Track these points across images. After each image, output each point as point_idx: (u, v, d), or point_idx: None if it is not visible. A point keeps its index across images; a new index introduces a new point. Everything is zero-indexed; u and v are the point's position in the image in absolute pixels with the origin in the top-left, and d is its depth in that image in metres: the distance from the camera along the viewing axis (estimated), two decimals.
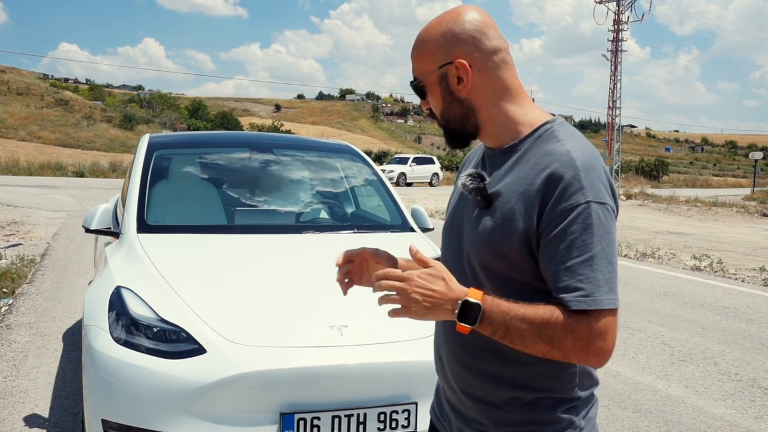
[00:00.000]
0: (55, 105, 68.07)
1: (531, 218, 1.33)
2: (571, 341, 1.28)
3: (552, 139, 1.39)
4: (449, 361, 1.52)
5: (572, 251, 1.29)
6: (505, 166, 1.42)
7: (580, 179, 1.31)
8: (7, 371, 4.62)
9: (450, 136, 1.50)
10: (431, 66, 1.44)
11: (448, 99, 1.45)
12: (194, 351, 2.56)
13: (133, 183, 3.93)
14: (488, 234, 1.39)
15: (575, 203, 1.30)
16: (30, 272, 8.15)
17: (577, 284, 1.28)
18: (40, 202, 17.26)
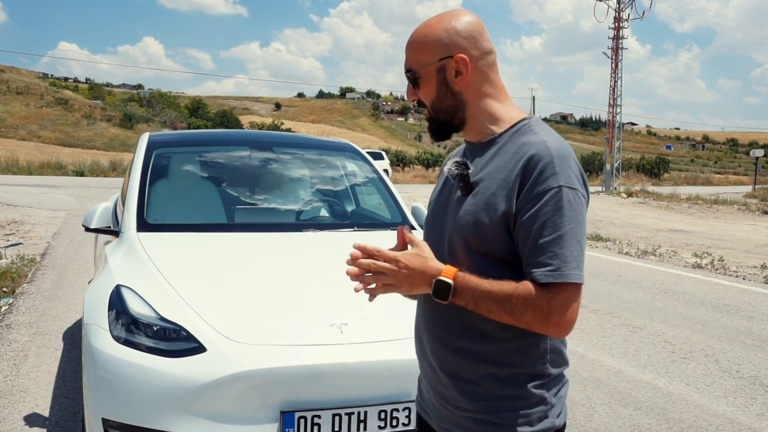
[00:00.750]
0: (55, 104, 68.03)
1: (511, 200, 1.46)
2: (531, 314, 1.41)
3: (528, 132, 1.54)
4: (429, 342, 1.62)
5: (544, 230, 1.42)
6: (485, 157, 1.56)
7: (554, 166, 1.44)
8: (7, 370, 4.62)
9: (435, 128, 1.61)
10: (431, 58, 1.54)
11: (443, 90, 1.56)
12: (194, 349, 2.56)
13: (132, 182, 3.92)
14: (471, 216, 1.51)
15: (548, 187, 1.43)
16: (30, 271, 8.15)
17: (547, 260, 1.41)
18: (40, 201, 17.26)
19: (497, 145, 1.55)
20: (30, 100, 67.71)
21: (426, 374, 1.68)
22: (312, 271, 3.22)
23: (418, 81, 1.56)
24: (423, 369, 1.70)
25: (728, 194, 30.43)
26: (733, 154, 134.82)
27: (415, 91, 1.58)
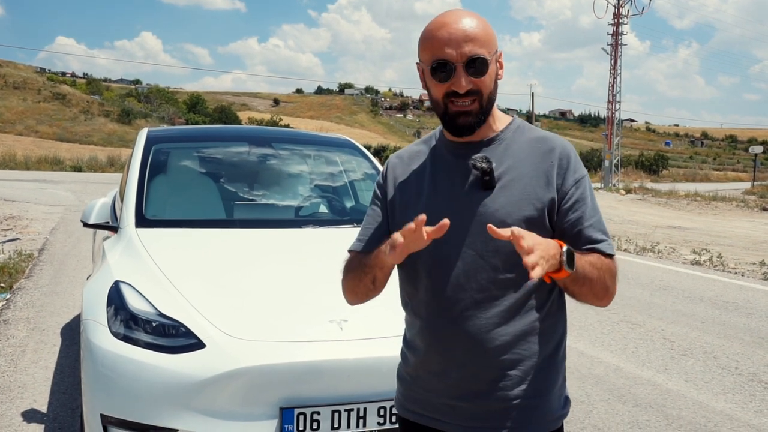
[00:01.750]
0: (53, 99, 67.95)
1: (551, 189, 1.59)
2: (612, 280, 1.60)
3: (531, 130, 1.70)
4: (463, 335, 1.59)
5: (591, 212, 1.61)
6: (497, 153, 1.63)
7: (577, 157, 1.66)
8: (5, 366, 4.61)
9: (477, 120, 1.60)
10: (492, 48, 1.60)
11: (495, 82, 1.63)
12: (193, 345, 2.55)
13: (131, 177, 3.91)
14: (511, 207, 1.57)
15: (582, 174, 1.64)
16: (28, 267, 8.14)
17: (601, 236, 1.60)
18: (37, 196, 17.24)
19: (503, 142, 1.66)
20: (27, 95, 67.62)
21: (447, 376, 1.63)
22: (311, 267, 3.21)
23: (485, 69, 1.57)
24: (440, 370, 1.64)
25: (727, 191, 30.46)
26: (732, 151, 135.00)
27: (478, 79, 1.57)
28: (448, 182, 1.65)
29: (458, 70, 1.55)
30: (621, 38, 37.33)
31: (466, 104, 1.58)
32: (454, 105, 1.58)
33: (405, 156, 1.78)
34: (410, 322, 1.74)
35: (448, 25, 1.57)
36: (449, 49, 1.55)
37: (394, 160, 1.79)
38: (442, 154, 1.70)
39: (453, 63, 1.55)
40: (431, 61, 1.58)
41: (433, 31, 1.59)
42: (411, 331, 1.73)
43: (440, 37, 1.56)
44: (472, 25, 1.57)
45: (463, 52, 1.54)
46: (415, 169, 1.73)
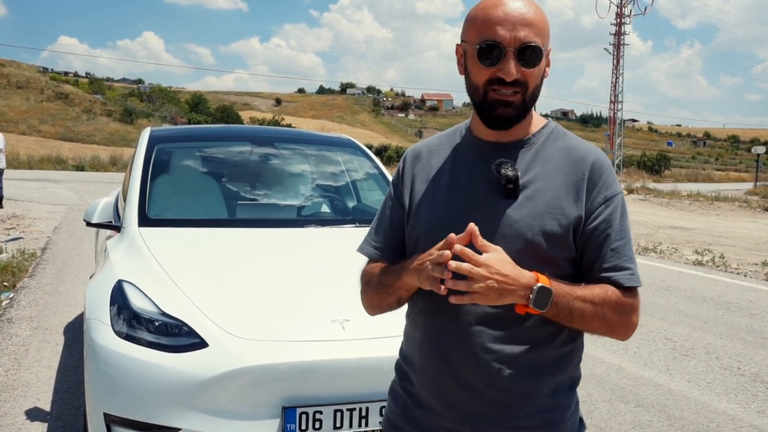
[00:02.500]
0: (55, 98, 68.00)
1: (580, 205, 1.45)
2: (618, 317, 1.45)
3: (566, 136, 1.54)
4: (469, 359, 1.46)
5: (617, 235, 1.46)
6: (525, 158, 1.49)
7: (612, 172, 1.51)
8: (8, 365, 4.62)
9: (519, 114, 1.46)
10: (547, 40, 1.47)
11: (542, 76, 1.48)
12: (196, 345, 2.56)
13: (134, 177, 3.92)
14: (533, 220, 1.44)
15: (615, 192, 1.48)
16: (31, 266, 8.15)
17: (624, 264, 1.46)
18: (40, 195, 17.27)
19: (533, 146, 1.52)
20: (30, 94, 67.69)
21: (448, 396, 1.49)
22: (314, 267, 3.21)
23: (537, 60, 1.43)
24: (442, 389, 1.50)
25: (729, 191, 30.42)
26: (735, 151, 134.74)
27: (528, 70, 1.42)
28: (468, 185, 1.51)
29: (508, 56, 1.40)
30: (623, 38, 37.34)
31: (508, 94, 1.43)
32: (497, 93, 1.43)
33: (424, 151, 1.63)
34: (410, 335, 1.60)
35: (505, 4, 1.42)
36: (503, 30, 1.40)
37: (412, 155, 1.65)
38: (466, 152, 1.56)
39: (504, 46, 1.40)
40: (479, 41, 1.42)
41: (487, 8, 1.43)
42: (409, 345, 1.60)
43: (495, 16, 1.41)
44: (531, 9, 1.42)
45: (517, 37, 1.40)
46: (434, 166, 1.59)
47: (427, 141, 1.67)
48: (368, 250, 1.65)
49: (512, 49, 1.40)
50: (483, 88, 1.45)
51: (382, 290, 1.54)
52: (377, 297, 1.58)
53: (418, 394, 1.55)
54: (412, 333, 1.58)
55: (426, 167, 1.59)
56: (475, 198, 1.48)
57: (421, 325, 1.54)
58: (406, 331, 1.63)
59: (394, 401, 1.64)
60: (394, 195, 1.64)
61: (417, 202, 1.56)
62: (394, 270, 1.51)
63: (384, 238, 1.63)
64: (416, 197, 1.57)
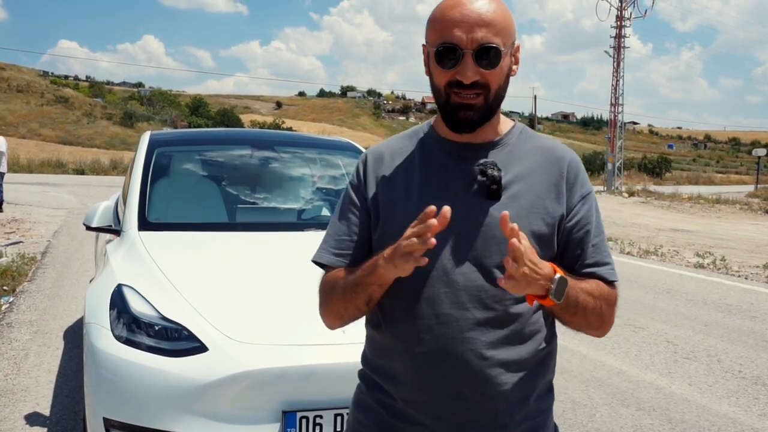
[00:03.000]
0: (56, 102, 68.08)
1: (561, 203, 1.45)
2: (609, 310, 1.46)
3: (535, 136, 1.54)
4: (466, 366, 1.40)
5: (595, 231, 1.48)
6: (501, 159, 1.46)
7: (585, 171, 1.53)
8: (8, 369, 4.61)
9: (482, 116, 1.42)
10: (509, 39, 1.42)
11: (507, 76, 1.45)
12: (196, 349, 2.55)
13: (134, 180, 3.91)
14: (516, 221, 1.33)
15: (589, 189, 1.51)
16: (31, 270, 8.15)
17: (605, 259, 1.48)
18: (40, 199, 17.28)
19: (506, 146, 1.49)
20: (30, 98, 67.77)
21: (437, 407, 1.42)
22: (314, 270, 3.20)
23: (496, 61, 1.38)
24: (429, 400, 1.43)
25: (730, 194, 30.40)
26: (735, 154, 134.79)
27: (487, 71, 1.38)
28: (443, 185, 1.45)
29: (466, 58, 1.36)
30: (623, 41, 37.35)
31: (470, 96, 1.39)
32: (458, 96, 1.39)
33: (386, 153, 1.55)
34: (385, 346, 1.49)
35: (462, 4, 1.38)
36: (459, 32, 1.36)
37: (373, 157, 1.55)
38: (436, 154, 1.50)
39: (462, 49, 1.36)
40: (437, 44, 1.39)
41: (444, 9, 1.40)
42: (385, 356, 1.50)
43: (451, 18, 1.37)
44: (490, 9, 1.38)
45: (474, 38, 1.36)
46: (400, 169, 1.51)
47: (387, 143, 1.60)
48: (329, 258, 1.55)
49: (470, 50, 1.37)
50: (444, 90, 1.41)
51: (351, 290, 1.44)
52: (343, 301, 1.47)
53: (396, 406, 1.47)
54: (388, 344, 1.48)
55: (390, 170, 1.52)
56: (454, 200, 1.39)
57: (404, 336, 1.44)
58: (378, 341, 1.52)
59: (364, 414, 1.54)
60: (355, 199, 1.54)
61: (386, 207, 1.48)
62: (365, 266, 1.41)
63: (345, 245, 1.53)
64: (384, 202, 1.49)
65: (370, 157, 1.56)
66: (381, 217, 1.49)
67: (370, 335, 1.57)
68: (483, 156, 1.46)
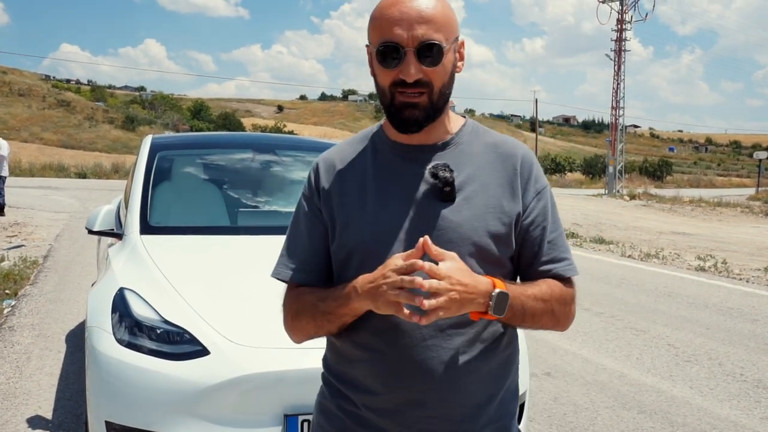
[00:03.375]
0: (57, 106, 68.19)
1: (517, 201, 1.43)
2: (564, 308, 1.44)
3: (487, 132, 1.52)
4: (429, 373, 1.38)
5: (552, 227, 1.46)
6: (454, 159, 1.43)
7: (539, 164, 1.50)
8: (10, 373, 4.62)
9: (427, 115, 1.39)
10: (451, 35, 1.38)
11: (451, 73, 1.41)
12: (198, 352, 2.55)
13: (135, 184, 3.92)
14: (477, 221, 1.39)
15: (544, 184, 1.48)
16: (33, 274, 8.15)
17: (562, 255, 1.46)
18: (42, 203, 17.29)
19: (458, 145, 1.46)
20: (32, 102, 67.88)
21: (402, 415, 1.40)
22: None
23: (439, 58, 1.35)
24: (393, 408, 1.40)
25: (731, 197, 30.38)
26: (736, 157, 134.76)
27: (430, 69, 1.35)
28: (397, 191, 1.42)
29: (408, 56, 1.33)
30: (624, 44, 37.38)
31: (414, 95, 1.36)
32: (403, 95, 1.36)
33: (337, 160, 1.51)
34: (345, 353, 1.47)
35: (401, 2, 1.34)
36: (399, 30, 1.33)
37: (324, 166, 1.51)
38: (389, 158, 1.46)
39: (403, 47, 1.33)
40: (379, 43, 1.35)
41: (384, 8, 1.36)
42: (346, 364, 1.48)
43: (391, 16, 1.34)
44: (429, 5, 1.35)
45: (415, 35, 1.32)
46: (353, 176, 1.47)
47: (337, 149, 1.54)
48: (287, 274, 1.53)
49: (411, 48, 1.33)
50: (389, 90, 1.38)
51: (322, 318, 1.41)
52: (315, 327, 1.46)
53: (360, 413, 1.45)
54: (348, 352, 1.46)
55: (343, 178, 1.47)
56: (411, 205, 1.40)
57: (364, 344, 1.42)
58: (339, 348, 1.50)
59: (327, 420, 1.53)
60: (308, 210, 1.51)
61: (342, 216, 1.45)
62: (336, 296, 1.38)
63: (305, 258, 1.50)
64: (340, 211, 1.45)
65: (322, 166, 1.52)
66: (337, 228, 1.45)
67: (330, 341, 1.55)
68: (435, 157, 1.44)
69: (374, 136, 1.51)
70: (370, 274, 1.32)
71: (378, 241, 1.39)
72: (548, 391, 4.60)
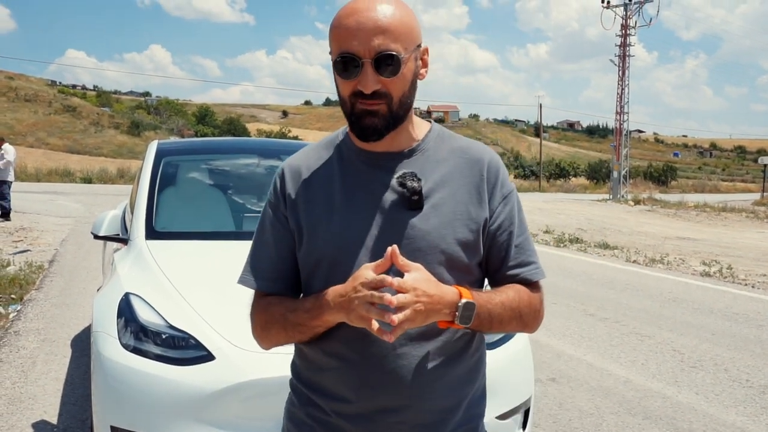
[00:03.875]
0: (63, 111, 68.49)
1: (484, 206, 1.43)
2: (532, 312, 1.45)
3: (454, 137, 1.52)
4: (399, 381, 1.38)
5: (518, 231, 1.46)
6: (420, 166, 1.43)
7: (505, 170, 1.51)
8: (15, 377, 4.63)
9: (388, 124, 1.38)
10: (411, 44, 1.37)
11: (413, 82, 1.40)
12: (203, 358, 2.56)
13: (141, 189, 3.94)
14: (445, 229, 1.39)
15: (510, 188, 1.49)
16: (38, 278, 8.18)
17: (530, 259, 1.46)
18: (48, 208, 17.35)
19: (425, 152, 1.46)
20: (38, 107, 68.21)
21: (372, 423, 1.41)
22: None
23: (397, 68, 1.33)
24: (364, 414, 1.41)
25: (736, 202, 30.32)
26: (741, 162, 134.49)
27: (388, 79, 1.34)
28: (364, 199, 1.41)
29: (365, 67, 1.32)
30: (629, 49, 37.35)
31: (373, 104, 1.35)
32: (362, 104, 1.36)
33: (303, 167, 1.49)
34: (315, 361, 1.47)
35: (358, 12, 1.33)
36: (356, 41, 1.31)
37: (290, 173, 1.50)
38: (355, 165, 1.45)
39: (360, 58, 1.32)
40: (337, 54, 1.34)
41: (341, 18, 1.35)
42: (315, 371, 1.47)
43: (347, 26, 1.33)
44: (387, 14, 1.32)
45: (372, 47, 1.31)
46: (319, 183, 1.46)
47: (302, 156, 1.53)
48: (253, 282, 1.53)
49: (368, 60, 1.32)
50: (349, 100, 1.37)
51: (293, 330, 1.42)
52: (286, 337, 1.46)
53: (330, 421, 1.45)
54: (318, 359, 1.45)
55: (310, 185, 1.46)
56: (379, 213, 1.40)
57: (335, 353, 1.42)
58: (308, 355, 1.49)
59: (297, 428, 1.54)
60: (274, 218, 1.50)
61: (309, 225, 1.44)
62: (308, 307, 1.38)
63: (271, 267, 1.50)
64: (306, 218, 1.44)
65: (287, 172, 1.51)
66: (304, 236, 1.44)
67: (299, 348, 1.54)
68: (401, 165, 1.43)
69: (341, 143, 1.50)
70: (341, 286, 1.32)
71: (345, 250, 1.39)
72: (553, 397, 4.59)
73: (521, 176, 61.86)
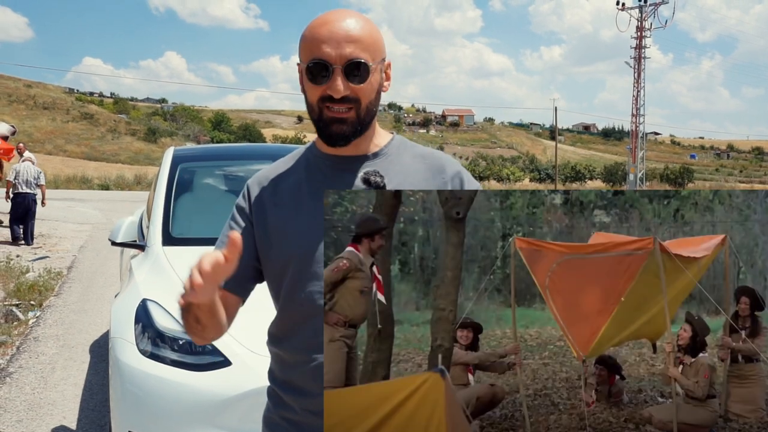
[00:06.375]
0: (81, 119, 69.13)
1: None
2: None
3: (414, 146, 1.60)
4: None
5: None
6: (383, 169, 1.51)
7: (467, 171, 1.59)
8: (35, 383, 4.67)
9: (354, 130, 1.46)
10: (378, 56, 1.47)
11: (378, 91, 1.48)
12: (220, 363, 2.57)
13: (158, 196, 3.96)
14: None
15: (477, 187, 1.59)
16: (57, 285, 8.25)
17: None
18: (66, 215, 17.51)
19: (387, 157, 1.54)
20: (56, 114, 68.88)
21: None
22: None
23: (366, 76, 1.43)
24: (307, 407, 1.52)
25: None
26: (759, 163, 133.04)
27: (357, 86, 1.42)
28: (308, 202, 1.51)
29: (336, 73, 1.41)
30: (644, 51, 37.19)
31: (342, 111, 1.43)
32: (330, 111, 1.44)
33: (271, 176, 1.58)
34: (287, 360, 1.56)
35: (330, 23, 1.43)
36: (328, 48, 1.41)
37: (257, 181, 1.60)
38: (318, 167, 1.54)
39: (331, 64, 1.41)
40: (308, 60, 1.44)
41: (314, 28, 1.45)
42: (288, 370, 1.56)
43: (320, 35, 1.42)
44: (357, 26, 1.43)
45: (343, 54, 1.41)
46: (287, 189, 1.55)
47: (273, 166, 1.61)
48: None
49: (339, 66, 1.41)
50: (317, 105, 1.45)
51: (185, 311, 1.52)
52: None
53: (301, 420, 1.53)
54: (290, 358, 1.55)
55: (278, 191, 1.55)
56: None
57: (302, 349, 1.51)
58: (281, 356, 1.58)
59: (271, 431, 1.64)
60: (240, 222, 1.60)
61: (278, 225, 1.52)
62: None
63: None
64: (275, 221, 1.52)
65: (255, 182, 1.60)
66: (273, 237, 1.52)
67: (274, 353, 1.62)
68: (365, 165, 1.51)
69: (307, 152, 1.59)
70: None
71: (312, 250, 1.47)
72: None
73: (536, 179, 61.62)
